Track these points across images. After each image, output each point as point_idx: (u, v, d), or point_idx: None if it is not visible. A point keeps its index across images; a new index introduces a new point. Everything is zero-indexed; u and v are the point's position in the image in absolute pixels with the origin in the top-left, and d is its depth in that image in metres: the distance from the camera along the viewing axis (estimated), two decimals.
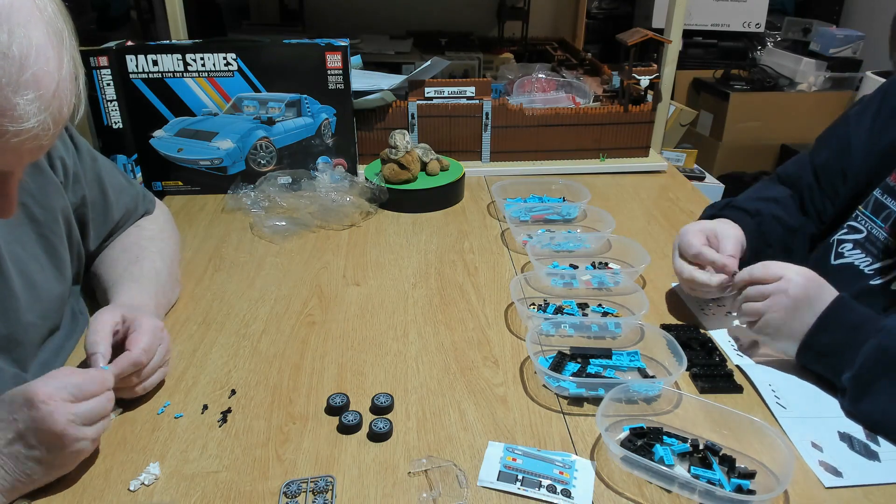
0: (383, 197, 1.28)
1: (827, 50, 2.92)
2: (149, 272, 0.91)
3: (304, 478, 0.68)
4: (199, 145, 1.32)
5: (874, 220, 0.93)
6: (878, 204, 0.93)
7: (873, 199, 0.94)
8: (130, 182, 1.01)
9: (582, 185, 1.30)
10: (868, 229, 0.93)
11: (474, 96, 1.46)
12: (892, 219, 0.90)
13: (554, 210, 1.26)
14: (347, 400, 0.78)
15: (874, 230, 0.92)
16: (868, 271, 0.92)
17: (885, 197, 0.92)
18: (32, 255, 0.80)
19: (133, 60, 1.24)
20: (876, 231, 0.92)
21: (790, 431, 0.75)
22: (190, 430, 0.74)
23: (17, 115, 0.52)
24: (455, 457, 0.71)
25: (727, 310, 0.98)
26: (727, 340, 0.92)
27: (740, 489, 0.66)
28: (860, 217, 0.95)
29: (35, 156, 0.59)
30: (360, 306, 0.98)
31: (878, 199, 0.93)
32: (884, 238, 0.90)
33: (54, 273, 0.83)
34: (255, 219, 1.22)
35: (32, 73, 0.53)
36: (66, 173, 0.85)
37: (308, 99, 1.32)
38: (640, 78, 1.48)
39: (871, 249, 0.92)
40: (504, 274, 1.08)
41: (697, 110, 2.87)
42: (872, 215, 0.93)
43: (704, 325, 0.95)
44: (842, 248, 0.97)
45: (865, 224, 0.94)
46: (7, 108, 0.52)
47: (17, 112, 0.52)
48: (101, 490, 0.66)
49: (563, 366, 0.84)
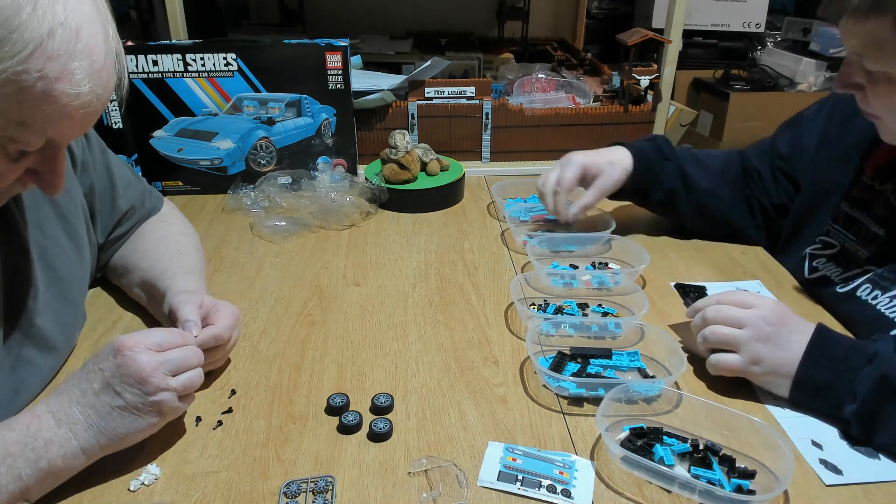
0: (383, 197, 1.28)
1: (827, 50, 2.91)
2: (196, 264, 0.93)
3: (304, 478, 0.68)
4: (199, 145, 1.32)
5: (846, 234, 0.95)
6: (848, 217, 0.95)
7: (843, 213, 0.96)
8: (138, 178, 1.02)
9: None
10: (841, 243, 0.96)
11: (474, 96, 1.46)
12: (863, 232, 0.92)
13: None
14: (347, 400, 0.78)
15: (846, 243, 0.95)
16: (838, 280, 0.94)
17: (854, 209, 0.94)
18: (53, 238, 0.82)
19: (133, 60, 1.24)
20: (848, 244, 0.94)
21: (790, 431, 0.75)
22: (190, 430, 0.74)
23: (76, 81, 0.56)
24: (455, 457, 0.71)
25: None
26: None
27: (740, 489, 0.66)
28: (832, 232, 0.97)
29: (86, 125, 0.62)
30: (360, 306, 0.98)
31: (847, 212, 0.95)
32: (854, 250, 0.93)
33: (76, 255, 0.85)
34: (255, 219, 1.22)
35: (85, 43, 0.57)
36: (75, 161, 0.86)
37: (308, 99, 1.32)
38: (640, 78, 1.48)
39: (842, 261, 0.95)
40: (504, 274, 1.08)
41: (697, 110, 2.86)
42: (843, 229, 0.96)
43: None
44: (816, 262, 0.99)
45: (838, 238, 0.96)
46: (66, 74, 0.56)
47: (76, 77, 0.56)
48: (101, 490, 0.66)
49: (563, 366, 0.84)
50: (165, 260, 0.91)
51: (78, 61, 0.56)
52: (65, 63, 0.55)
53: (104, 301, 0.97)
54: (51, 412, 0.63)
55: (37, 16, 0.53)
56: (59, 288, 0.81)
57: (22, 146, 0.58)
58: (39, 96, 0.55)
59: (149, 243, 0.96)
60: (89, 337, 0.89)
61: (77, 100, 0.57)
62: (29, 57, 0.53)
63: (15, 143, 0.58)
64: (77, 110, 0.58)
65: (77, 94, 0.57)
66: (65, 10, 0.55)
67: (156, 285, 0.88)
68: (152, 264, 0.91)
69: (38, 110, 0.56)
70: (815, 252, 0.99)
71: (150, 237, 0.97)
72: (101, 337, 0.90)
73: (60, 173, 0.65)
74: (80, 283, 0.87)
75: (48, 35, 0.54)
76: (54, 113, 0.57)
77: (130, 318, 0.94)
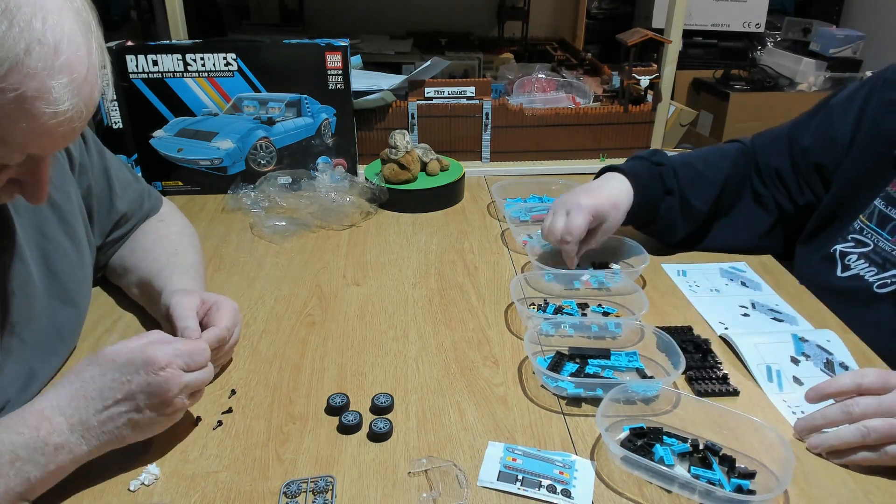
0: (383, 197, 1.28)
1: (827, 50, 2.91)
2: (192, 263, 0.93)
3: (304, 478, 0.68)
4: (199, 145, 1.32)
5: (880, 233, 0.91)
6: (883, 216, 0.91)
7: (876, 210, 0.92)
8: (137, 178, 1.01)
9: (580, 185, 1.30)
10: (875, 242, 0.92)
11: (474, 96, 1.46)
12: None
13: None
14: (347, 400, 0.78)
15: (881, 242, 0.91)
16: (874, 281, 0.90)
17: (890, 208, 0.90)
18: (54, 241, 0.81)
19: (133, 60, 1.24)
20: (883, 243, 0.91)
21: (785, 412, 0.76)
22: (190, 430, 0.74)
23: (54, 98, 0.55)
24: (455, 457, 0.71)
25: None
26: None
27: (740, 489, 0.66)
28: (865, 230, 0.93)
29: (67, 140, 0.61)
30: (360, 306, 0.99)
31: (882, 210, 0.91)
32: (890, 249, 0.89)
33: (77, 257, 0.85)
34: (255, 219, 1.22)
35: (66, 59, 0.55)
36: (73, 163, 0.86)
37: (308, 99, 1.32)
38: (640, 78, 1.48)
39: (877, 260, 0.91)
40: (504, 274, 1.08)
41: (697, 110, 2.86)
42: (878, 227, 0.92)
43: None
44: (848, 259, 0.95)
45: (872, 237, 0.92)
46: (44, 91, 0.54)
47: (54, 95, 0.55)
48: (100, 490, 0.66)
49: (561, 366, 0.84)
50: (162, 260, 0.91)
51: (56, 79, 0.55)
52: (42, 80, 0.54)
53: (104, 301, 0.97)
54: (63, 416, 0.62)
55: (12, 33, 0.51)
56: (60, 289, 0.81)
57: (1, 161, 0.57)
58: (16, 114, 0.54)
59: (146, 243, 0.96)
60: (89, 337, 0.89)
61: (55, 118, 0.56)
62: (5, 75, 0.51)
63: None
64: (56, 127, 0.56)
65: (55, 113, 0.55)
66: (43, 26, 0.53)
67: (153, 285, 0.88)
68: (149, 265, 0.91)
69: (15, 127, 0.54)
70: (847, 250, 0.95)
71: (148, 237, 0.97)
72: (101, 337, 0.90)
73: (44, 184, 0.63)
74: (83, 284, 0.87)
75: (24, 52, 0.52)
76: (32, 130, 0.55)
77: (130, 318, 0.94)
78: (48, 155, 0.62)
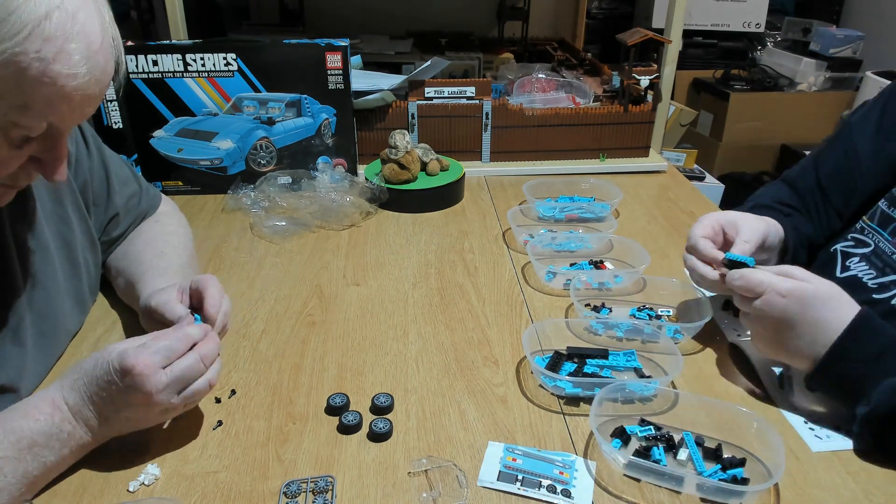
0: (383, 197, 1.28)
1: (827, 50, 2.92)
2: (175, 265, 0.93)
3: (304, 478, 0.68)
4: (199, 145, 1.32)
5: (881, 233, 0.90)
6: (885, 216, 0.91)
7: (879, 210, 0.91)
8: (136, 176, 1.02)
9: (612, 184, 1.30)
10: (875, 242, 0.91)
11: (474, 96, 1.46)
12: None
13: (586, 209, 1.25)
14: (347, 400, 0.78)
15: (881, 243, 0.90)
16: (872, 285, 0.89)
17: (892, 209, 0.90)
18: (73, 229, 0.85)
19: (133, 60, 1.24)
20: (883, 244, 0.89)
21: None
22: (190, 430, 0.74)
23: (73, 63, 0.58)
24: (455, 457, 0.71)
25: None
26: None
27: (735, 479, 0.67)
28: (867, 230, 0.93)
29: (84, 110, 0.63)
30: (360, 306, 0.99)
31: (885, 211, 0.91)
32: (890, 252, 0.88)
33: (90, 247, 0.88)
34: (255, 219, 1.22)
35: (82, 26, 0.58)
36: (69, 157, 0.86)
37: (308, 99, 1.32)
38: (640, 78, 1.48)
39: (877, 263, 0.90)
40: (504, 274, 1.08)
41: (697, 110, 2.87)
42: (879, 228, 0.91)
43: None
44: (848, 261, 0.94)
45: (872, 237, 0.92)
46: (63, 55, 0.57)
47: (73, 59, 0.58)
48: (100, 490, 0.66)
49: (559, 366, 0.84)
50: (145, 263, 0.92)
51: (75, 43, 0.57)
52: (61, 45, 0.56)
53: (104, 301, 0.97)
54: (68, 406, 0.65)
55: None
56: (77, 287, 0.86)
57: (24, 131, 0.60)
58: (38, 77, 0.56)
59: (138, 245, 0.96)
60: (89, 337, 0.90)
61: (74, 80, 0.58)
62: (26, 38, 0.54)
63: (17, 127, 0.59)
64: (75, 91, 0.59)
65: (74, 76, 0.58)
66: None
67: (135, 288, 0.88)
68: (135, 268, 0.92)
69: (37, 92, 0.57)
70: (847, 250, 0.94)
71: (140, 239, 0.97)
72: (101, 336, 0.90)
73: (63, 159, 0.66)
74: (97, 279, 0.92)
75: (45, 17, 0.55)
76: (53, 95, 0.58)
77: (130, 318, 0.94)
78: (67, 128, 0.65)
